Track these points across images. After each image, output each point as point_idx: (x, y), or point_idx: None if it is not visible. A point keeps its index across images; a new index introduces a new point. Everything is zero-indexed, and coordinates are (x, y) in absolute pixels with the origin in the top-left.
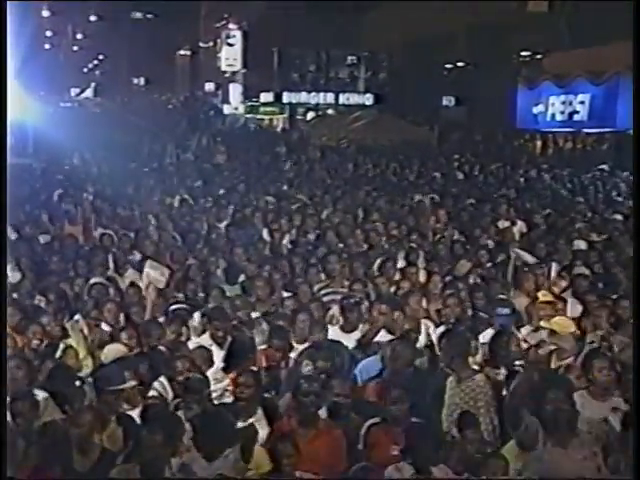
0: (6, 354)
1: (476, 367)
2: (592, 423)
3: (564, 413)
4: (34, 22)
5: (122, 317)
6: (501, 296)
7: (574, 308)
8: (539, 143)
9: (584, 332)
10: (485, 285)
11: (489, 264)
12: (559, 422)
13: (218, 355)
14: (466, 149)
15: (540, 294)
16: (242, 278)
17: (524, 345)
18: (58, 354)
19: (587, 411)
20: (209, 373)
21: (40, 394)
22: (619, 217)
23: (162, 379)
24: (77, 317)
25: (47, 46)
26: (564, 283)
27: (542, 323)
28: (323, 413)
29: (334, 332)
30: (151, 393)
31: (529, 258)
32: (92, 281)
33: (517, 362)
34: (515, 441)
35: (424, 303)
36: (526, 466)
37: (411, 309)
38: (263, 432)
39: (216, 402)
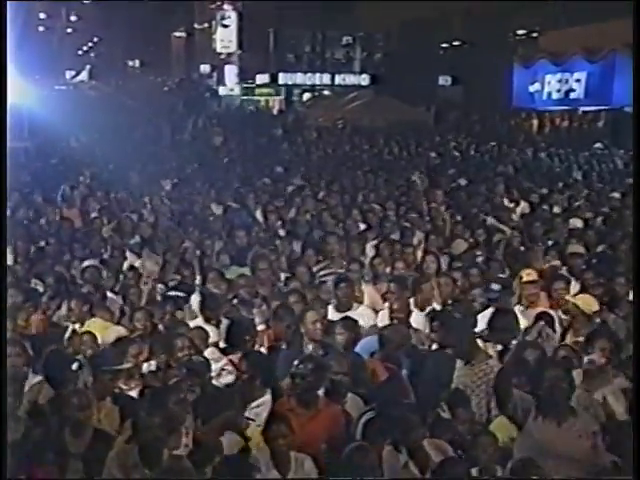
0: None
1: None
2: (591, 402)
3: (559, 391)
4: (27, 5)
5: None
6: (501, 275)
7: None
8: (535, 122)
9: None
10: (482, 264)
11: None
12: (554, 400)
13: (215, 335)
14: (462, 129)
15: (524, 273)
16: (240, 260)
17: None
18: (66, 336)
19: (586, 390)
20: (206, 353)
21: (34, 377)
22: (616, 195)
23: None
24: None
25: (41, 28)
26: (555, 262)
27: (569, 299)
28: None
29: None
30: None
31: (506, 228)
32: (85, 264)
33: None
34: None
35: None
36: (516, 441)
37: (409, 290)
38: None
39: (214, 382)
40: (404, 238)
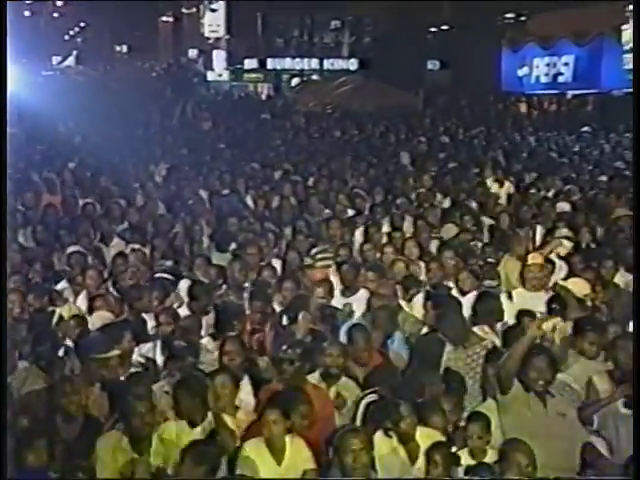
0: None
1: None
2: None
3: (547, 380)
4: None
5: (105, 285)
6: (490, 260)
7: (560, 270)
8: (524, 106)
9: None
10: (472, 249)
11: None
12: (540, 386)
13: (206, 323)
14: (451, 113)
15: (530, 257)
16: (230, 245)
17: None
18: (54, 321)
19: (575, 370)
20: (203, 342)
21: (22, 364)
22: (604, 178)
23: (149, 345)
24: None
25: (27, 13)
26: (551, 246)
27: (560, 282)
28: (315, 377)
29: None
30: (135, 358)
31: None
32: (70, 250)
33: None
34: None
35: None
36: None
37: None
38: (247, 397)
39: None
40: (393, 223)
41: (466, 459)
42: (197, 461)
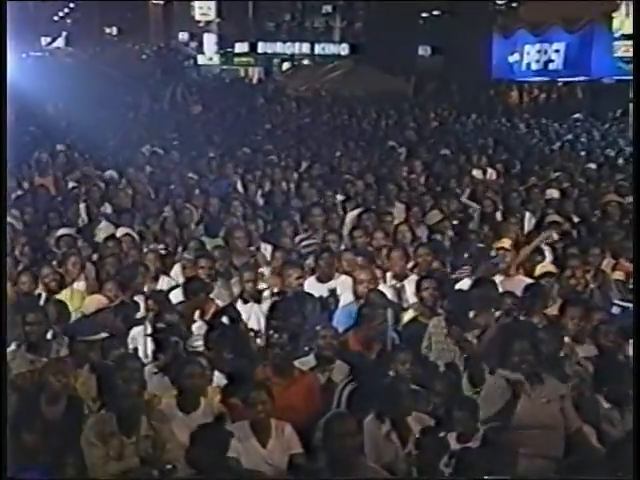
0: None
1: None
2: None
3: (529, 364)
4: None
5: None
6: (480, 245)
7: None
8: (515, 93)
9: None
10: (457, 235)
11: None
12: (522, 370)
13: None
14: (442, 99)
15: (499, 242)
16: (219, 230)
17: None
18: (41, 303)
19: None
20: (194, 327)
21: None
22: (592, 166)
23: (140, 328)
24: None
25: None
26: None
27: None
28: (310, 361)
29: (310, 283)
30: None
31: (475, 206)
32: (60, 233)
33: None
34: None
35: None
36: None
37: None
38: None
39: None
40: (383, 209)
41: (454, 444)
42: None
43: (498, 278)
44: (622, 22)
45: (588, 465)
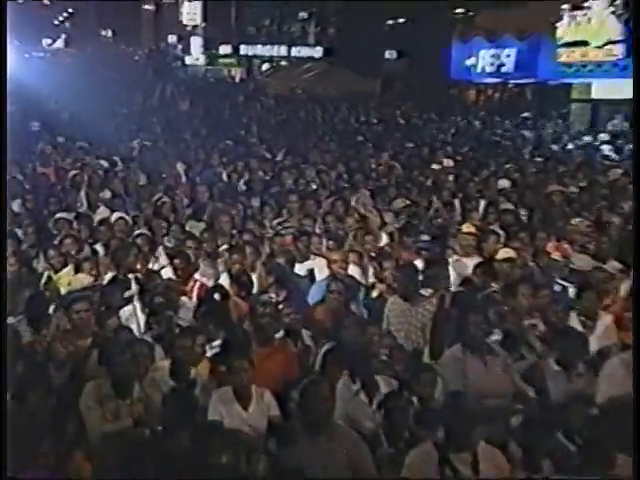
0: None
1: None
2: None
3: (482, 333)
4: None
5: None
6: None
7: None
8: (471, 93)
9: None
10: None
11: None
12: (478, 342)
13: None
14: (406, 98)
15: (464, 226)
16: (204, 215)
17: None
18: (43, 282)
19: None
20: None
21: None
22: (539, 159)
23: (133, 304)
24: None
25: (21, 0)
26: (490, 217)
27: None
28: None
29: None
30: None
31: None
32: (57, 216)
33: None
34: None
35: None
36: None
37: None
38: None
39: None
40: (352, 196)
41: (417, 406)
42: (179, 406)
43: (457, 258)
44: (564, 31)
45: (536, 426)
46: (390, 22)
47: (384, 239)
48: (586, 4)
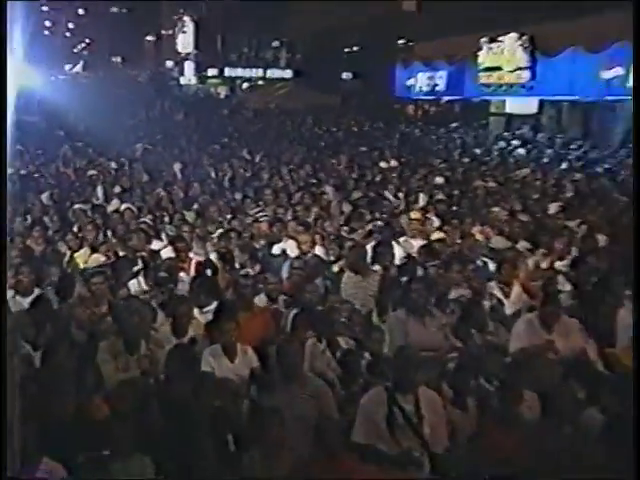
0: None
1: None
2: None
3: (422, 299)
4: (36, 15)
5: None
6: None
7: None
8: (411, 107)
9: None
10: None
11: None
12: (419, 306)
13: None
14: (360, 111)
15: (412, 214)
16: (194, 205)
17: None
18: (65, 260)
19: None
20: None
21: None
22: (466, 160)
23: (139, 278)
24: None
25: (46, 32)
26: (428, 207)
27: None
28: (261, 299)
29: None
30: (131, 288)
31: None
32: (75, 207)
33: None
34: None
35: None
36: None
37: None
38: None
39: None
40: (318, 190)
41: (367, 358)
42: (178, 359)
43: (405, 239)
44: (484, 59)
45: (463, 372)
46: (347, 50)
47: (343, 225)
48: (500, 38)
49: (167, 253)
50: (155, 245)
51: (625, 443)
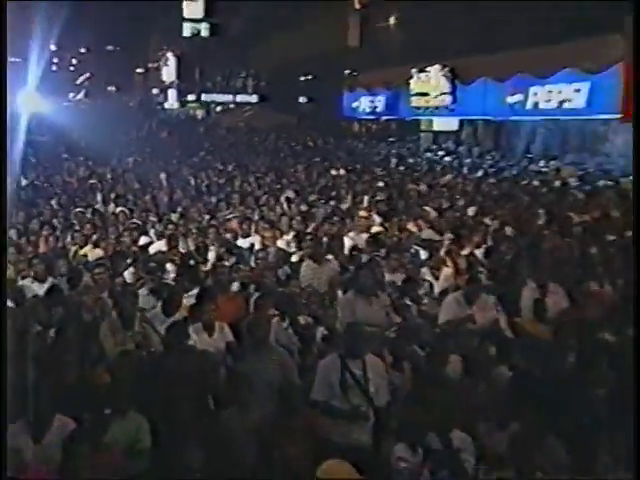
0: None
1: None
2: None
3: (368, 282)
4: (46, 54)
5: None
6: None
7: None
8: (356, 125)
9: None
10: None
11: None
12: (365, 289)
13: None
14: (314, 129)
15: (360, 213)
16: (180, 207)
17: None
18: (71, 255)
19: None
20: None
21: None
22: (402, 168)
23: (130, 269)
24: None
25: (54, 68)
26: (372, 207)
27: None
28: (235, 285)
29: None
30: (127, 277)
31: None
32: (77, 210)
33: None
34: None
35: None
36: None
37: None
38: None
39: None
40: (280, 194)
41: (323, 331)
42: (170, 336)
43: (354, 234)
44: (414, 85)
45: (400, 341)
46: (302, 78)
47: (302, 222)
48: (427, 69)
49: (154, 248)
50: (144, 241)
51: (528, 394)
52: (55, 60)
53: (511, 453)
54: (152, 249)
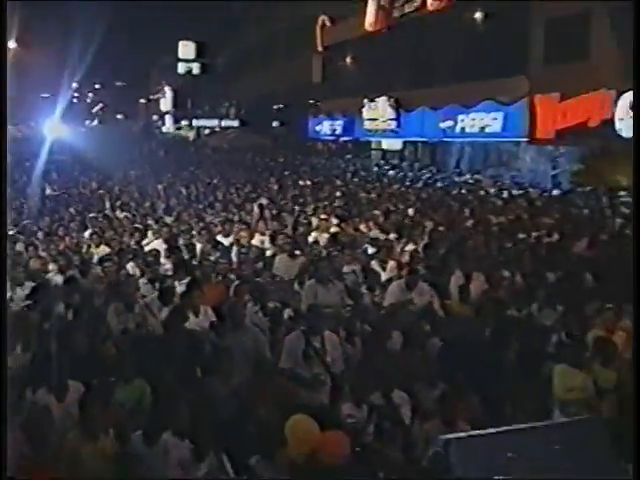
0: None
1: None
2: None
3: (327, 272)
4: (69, 90)
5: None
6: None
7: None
8: (319, 145)
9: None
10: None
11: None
12: (324, 277)
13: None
14: (285, 148)
15: (322, 216)
16: (174, 213)
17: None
18: (84, 251)
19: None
20: (162, 260)
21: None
22: (356, 180)
23: (132, 263)
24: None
25: (75, 100)
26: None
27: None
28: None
29: (219, 237)
30: (129, 270)
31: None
32: (90, 215)
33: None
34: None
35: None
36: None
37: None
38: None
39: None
40: (255, 201)
41: (289, 313)
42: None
43: (317, 234)
44: (367, 112)
45: (353, 320)
46: (275, 107)
47: (274, 223)
48: (376, 99)
49: (151, 246)
50: (144, 240)
51: (455, 360)
52: (76, 94)
53: (440, 407)
54: (151, 247)
